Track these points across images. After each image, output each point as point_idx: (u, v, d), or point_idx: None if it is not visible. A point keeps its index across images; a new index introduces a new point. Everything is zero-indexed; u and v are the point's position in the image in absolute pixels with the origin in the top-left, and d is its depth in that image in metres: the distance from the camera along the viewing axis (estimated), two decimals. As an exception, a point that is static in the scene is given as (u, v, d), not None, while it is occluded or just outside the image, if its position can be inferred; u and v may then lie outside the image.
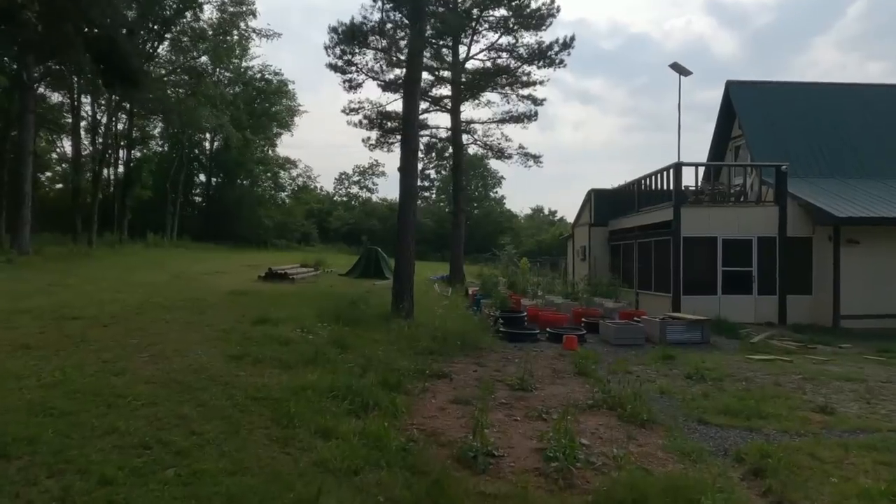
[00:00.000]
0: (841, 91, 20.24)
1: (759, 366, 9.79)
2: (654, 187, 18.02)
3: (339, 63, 21.97)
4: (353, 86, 23.34)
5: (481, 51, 23.59)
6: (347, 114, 24.22)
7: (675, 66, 17.58)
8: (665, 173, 16.89)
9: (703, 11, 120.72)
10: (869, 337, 13.74)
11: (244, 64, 45.38)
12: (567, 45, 21.33)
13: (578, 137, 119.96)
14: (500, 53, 23.60)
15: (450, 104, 23.83)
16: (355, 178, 64.85)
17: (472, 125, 25.62)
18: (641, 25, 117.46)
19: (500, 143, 25.53)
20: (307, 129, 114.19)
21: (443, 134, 25.44)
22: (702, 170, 19.54)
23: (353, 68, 22.17)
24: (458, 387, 7.88)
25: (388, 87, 24.24)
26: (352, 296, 12.85)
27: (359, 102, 24.19)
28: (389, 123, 24.19)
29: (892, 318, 15.27)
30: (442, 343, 10.46)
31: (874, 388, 8.17)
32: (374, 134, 24.76)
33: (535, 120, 25.18)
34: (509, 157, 26.10)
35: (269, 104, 46.13)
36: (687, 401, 7.51)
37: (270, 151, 50.29)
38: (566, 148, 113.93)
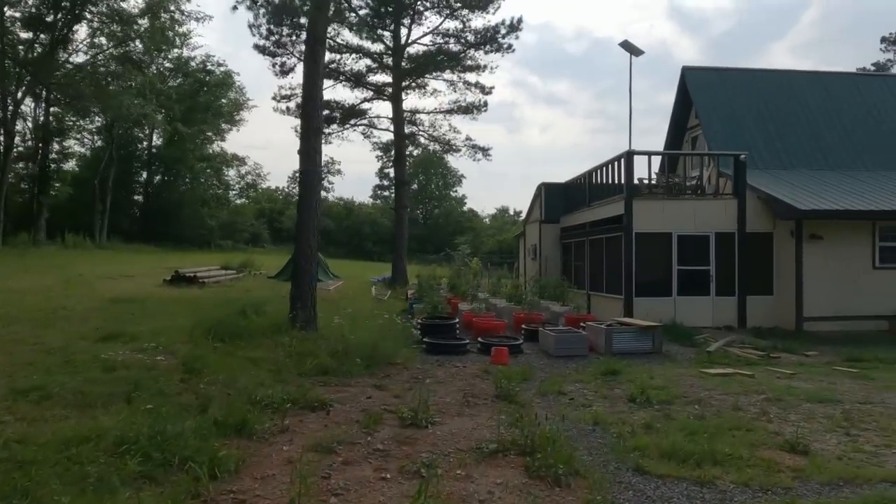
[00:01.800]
0: (803, 78, 19.13)
1: (715, 382, 8.24)
2: (605, 180, 16.51)
3: (268, 44, 19.91)
4: (284, 70, 21.30)
5: (425, 34, 21.87)
6: (278, 101, 22.17)
7: (626, 45, 16.12)
8: (616, 164, 15.38)
9: (666, 17, 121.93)
10: (835, 341, 12.44)
11: (185, 53, 42.75)
12: (514, 27, 19.76)
13: (546, 139, 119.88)
14: (448, 39, 21.95)
15: (391, 91, 21.95)
16: (310, 177, 62.34)
17: (418, 116, 23.84)
18: (606, 30, 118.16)
19: (447, 136, 23.79)
20: (271, 125, 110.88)
21: (384, 124, 23.51)
22: (657, 162, 18.19)
23: (283, 50, 20.10)
24: (332, 423, 6.06)
25: (325, 72, 22.27)
26: (249, 302, 10.90)
27: (290, 89, 22.13)
28: (329, 113, 22.18)
29: (858, 319, 14.08)
30: (342, 359, 8.64)
31: (852, 412, 6.66)
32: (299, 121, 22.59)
33: (485, 110, 23.60)
34: (458, 150, 24.42)
35: (213, 97, 43.42)
36: (625, 436, 5.85)
37: (217, 147, 47.62)
38: (534, 150, 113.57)
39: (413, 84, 23.05)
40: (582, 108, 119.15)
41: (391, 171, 69.13)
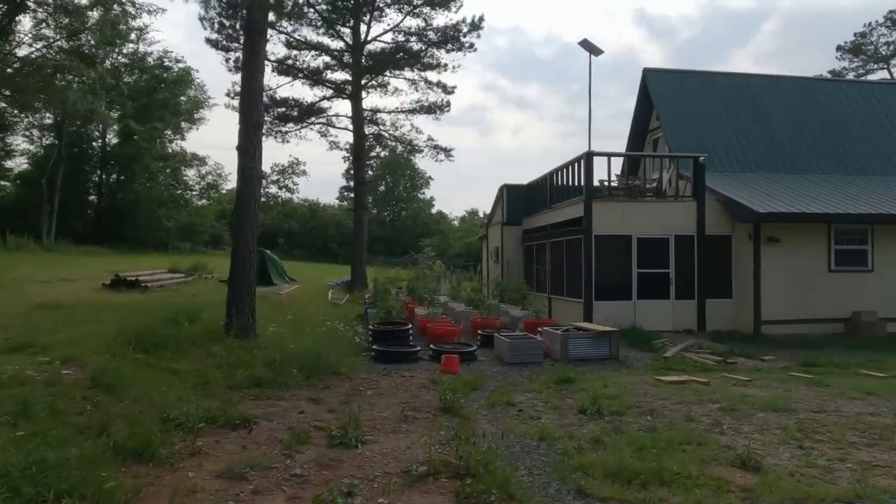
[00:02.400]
0: (761, 82, 19.24)
1: (670, 390, 7.93)
2: (566, 182, 16.24)
3: (220, 38, 19.11)
4: (238, 66, 20.47)
5: (385, 31, 21.35)
6: (232, 97, 21.31)
7: (585, 44, 15.89)
8: (576, 165, 15.12)
9: (633, 24, 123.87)
10: (792, 345, 12.36)
11: (142, 49, 41.32)
12: (476, 25, 19.40)
13: (517, 142, 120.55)
14: (409, 37, 21.47)
15: (350, 89, 21.34)
16: (273, 178, 61.09)
17: (380, 115, 23.26)
18: (575, 35, 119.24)
19: (409, 136, 23.28)
20: (234, 125, 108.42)
21: (344, 123, 22.85)
22: (618, 165, 18.01)
23: (237, 45, 19.32)
24: (252, 443, 5.51)
25: (283, 69, 21.59)
26: (185, 308, 10.20)
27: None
28: (286, 111, 21.42)
29: (815, 322, 14.09)
30: (279, 370, 8.06)
31: (806, 422, 6.40)
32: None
33: (448, 110, 23.20)
34: (420, 150, 23.92)
35: (171, 94, 42.02)
36: (570, 453, 5.45)
37: (177, 146, 46.15)
38: (505, 153, 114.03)
39: (373, 82, 22.50)
40: (552, 111, 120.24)
41: (358, 173, 68.62)
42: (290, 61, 20.68)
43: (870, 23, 47.35)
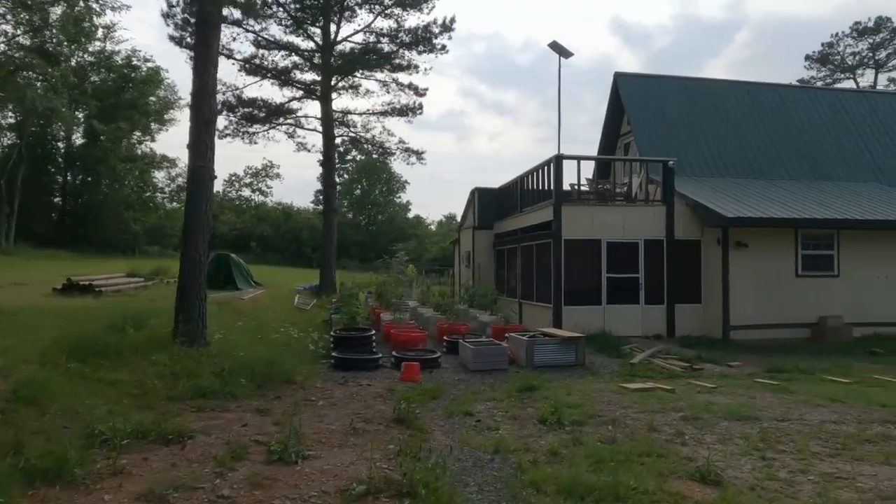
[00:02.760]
0: (730, 88, 19.34)
1: (634, 398, 7.71)
2: (536, 186, 16.05)
3: (184, 35, 18.56)
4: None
5: (356, 32, 21.01)
6: (197, 97, 20.63)
7: (555, 46, 15.74)
8: (546, 169, 14.94)
9: (609, 31, 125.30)
10: (759, 350, 12.31)
11: (109, 47, 40.32)
12: (447, 27, 19.16)
13: (494, 147, 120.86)
14: (381, 38, 21.16)
15: (320, 90, 20.93)
16: (247, 181, 60.13)
17: (350, 117, 22.88)
18: (553, 41, 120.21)
19: (380, 138, 22.93)
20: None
21: (312, 124, 22.40)
22: (589, 170, 17.91)
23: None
24: (183, 461, 5.11)
25: (251, 69, 21.09)
26: (133, 314, 9.70)
27: (211, 84, 20.61)
28: (252, 111, 20.89)
29: (782, 327, 14.08)
30: (227, 379, 7.66)
31: (769, 431, 6.21)
32: (220, 119, 21.30)
33: (420, 113, 22.89)
34: (392, 153, 23.59)
35: (139, 94, 41.01)
36: (524, 467, 5.16)
37: (146, 148, 45.09)
38: (483, 158, 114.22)
39: (344, 84, 22.12)
40: (529, 117, 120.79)
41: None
42: (257, 60, 20.20)
43: (836, 33, 48.52)
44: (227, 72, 42.85)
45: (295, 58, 21.19)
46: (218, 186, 69.16)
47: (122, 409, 6.09)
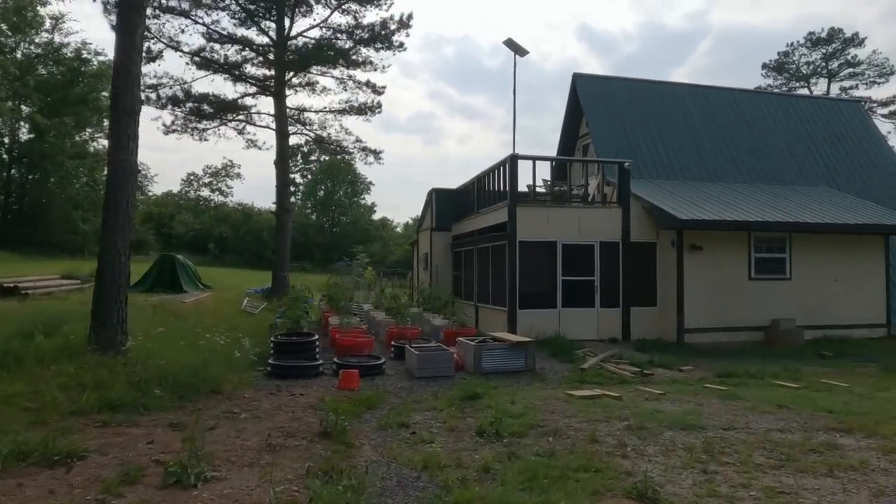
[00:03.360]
0: (686, 91, 19.41)
1: (579, 406, 7.38)
2: (493, 186, 15.71)
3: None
4: (151, 56, 19.08)
5: (312, 27, 20.38)
6: (142, 90, 19.67)
7: (510, 43, 15.47)
8: (502, 169, 14.63)
9: (576, 37, 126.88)
10: (712, 354, 12.20)
11: (57, 39, 38.60)
12: (405, 24, 18.71)
13: (463, 151, 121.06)
14: (338, 35, 20.57)
15: (273, 86, 20.22)
16: (206, 180, 58.44)
17: (307, 115, 22.20)
18: (524, 46, 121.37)
19: (337, 137, 22.32)
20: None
21: (266, 121, 21.63)
22: (546, 171, 17.67)
23: (147, 33, 17.89)
24: (65, 485, 4.53)
25: (202, 63, 20.24)
26: (46, 319, 8.95)
27: (157, 77, 19.82)
28: (199, 106, 20.03)
29: (736, 330, 14.05)
30: (143, 390, 7.04)
31: (713, 442, 5.93)
32: (165, 114, 20.46)
33: (379, 112, 22.39)
34: (350, 153, 23.00)
35: (90, 89, 39.31)
36: (451, 486, 4.75)
37: (99, 145, 43.25)
38: (452, 161, 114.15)
39: (300, 81, 21.47)
40: (498, 121, 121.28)
41: (296, 177, 66.67)
42: (206, 54, 19.39)
43: (791, 43, 49.86)
44: (175, 64, 41.53)
45: (248, 52, 20.46)
46: (175, 186, 67.40)
47: (12, 426, 5.45)
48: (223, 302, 16.96)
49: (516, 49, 15.52)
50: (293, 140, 22.24)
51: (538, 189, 15.44)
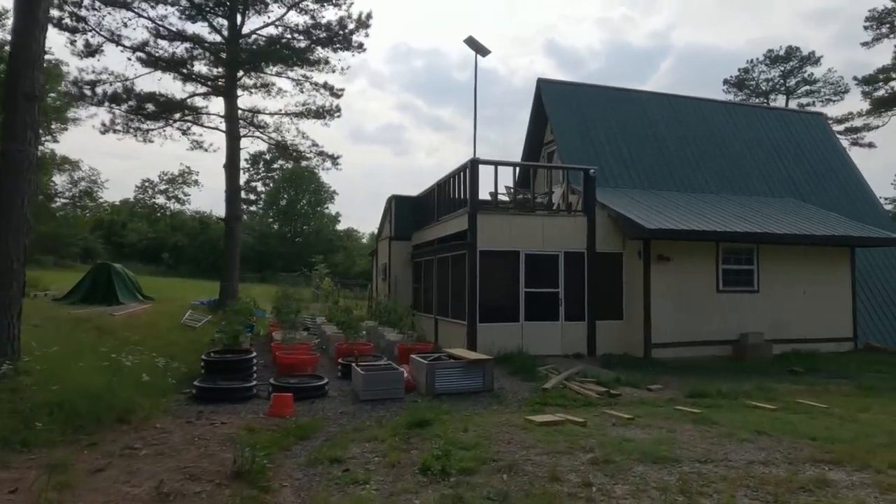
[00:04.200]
0: (653, 99, 19.06)
1: (539, 435, 6.55)
2: (454, 193, 14.91)
3: (63, 17, 16.37)
4: (90, 50, 17.77)
5: (266, 25, 19.36)
6: (80, 86, 18.35)
7: (471, 42, 14.78)
8: (463, 174, 13.85)
9: (544, 53, 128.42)
10: (681, 370, 11.58)
11: (1, 36, 36.39)
12: (363, 23, 17.88)
13: (432, 162, 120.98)
14: (295, 35, 19.60)
15: (224, 85, 19.09)
16: (162, 187, 56.22)
17: (260, 117, 21.08)
18: (490, 60, 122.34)
19: (293, 141, 21.25)
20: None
21: (214, 122, 20.41)
22: (508, 178, 16.98)
23: (84, 25, 16.66)
24: None
25: (149, 60, 19.00)
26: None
27: (96, 73, 18.45)
28: (139, 104, 18.69)
29: (704, 345, 13.52)
30: (30, 420, 5.93)
31: (690, 479, 5.17)
32: (102, 112, 19.09)
33: (339, 115, 21.43)
34: (307, 158, 21.94)
35: (35, 89, 37.20)
36: (378, 546, 3.83)
37: (46, 149, 41.00)
38: (421, 172, 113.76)
39: (254, 81, 20.39)
40: (466, 133, 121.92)
41: (258, 184, 64.98)
42: (149, 48, 18.15)
43: (752, 60, 50.94)
44: (116, 60, 39.54)
45: (198, 50, 19.27)
46: (129, 193, 64.83)
47: None
48: (162, 315, 15.67)
49: (478, 48, 14.83)
50: (254, 147, 21.19)
51: (500, 196, 14.71)
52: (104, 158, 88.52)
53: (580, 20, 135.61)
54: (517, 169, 16.72)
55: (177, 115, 19.54)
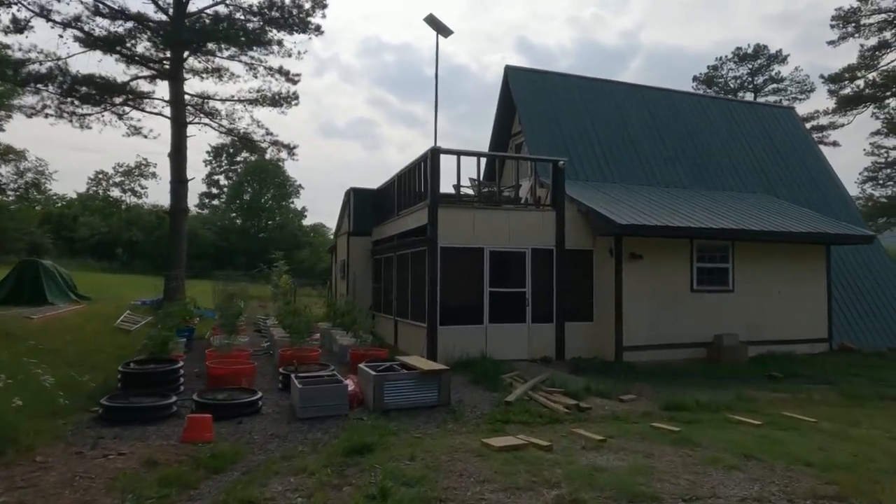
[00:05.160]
0: (624, 90, 18.30)
1: (497, 464, 5.59)
2: (415, 186, 13.88)
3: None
4: (18, 26, 16.17)
5: (215, 3, 17.97)
6: (8, 67, 16.69)
7: (431, 21, 13.73)
8: (423, 164, 12.83)
9: (515, 50, 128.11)
10: (655, 376, 10.81)
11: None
12: (319, 2, 16.66)
13: (405, 158, 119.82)
14: (249, 16, 18.26)
15: (169, 68, 17.65)
16: (117, 179, 53.68)
17: (211, 103, 19.66)
18: (462, 57, 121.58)
19: (246, 129, 19.90)
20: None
21: (159, 108, 18.91)
22: (473, 169, 16.00)
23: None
24: None
25: (85, 39, 17.43)
26: None
27: (23, 50, 16.81)
28: (79, 88, 17.16)
29: (677, 347, 12.82)
30: None
31: (676, 525, 4.27)
32: (31, 99, 17.48)
33: (297, 103, 20.18)
34: (262, 149, 20.62)
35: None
36: None
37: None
38: (393, 167, 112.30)
39: (204, 65, 18.99)
40: (439, 130, 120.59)
41: (221, 178, 62.78)
42: (81, 24, 16.57)
43: (720, 57, 51.07)
44: (46, 36, 37.17)
45: (143, 31, 17.76)
46: (81, 186, 61.86)
47: None
48: (94, 317, 14.27)
49: (439, 28, 13.80)
50: (204, 136, 19.80)
51: (464, 189, 13.75)
52: (62, 150, 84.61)
53: (551, 18, 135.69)
54: (482, 161, 15.73)
55: (118, 100, 18.02)
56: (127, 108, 18.39)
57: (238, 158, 59.57)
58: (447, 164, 12.41)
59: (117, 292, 21.53)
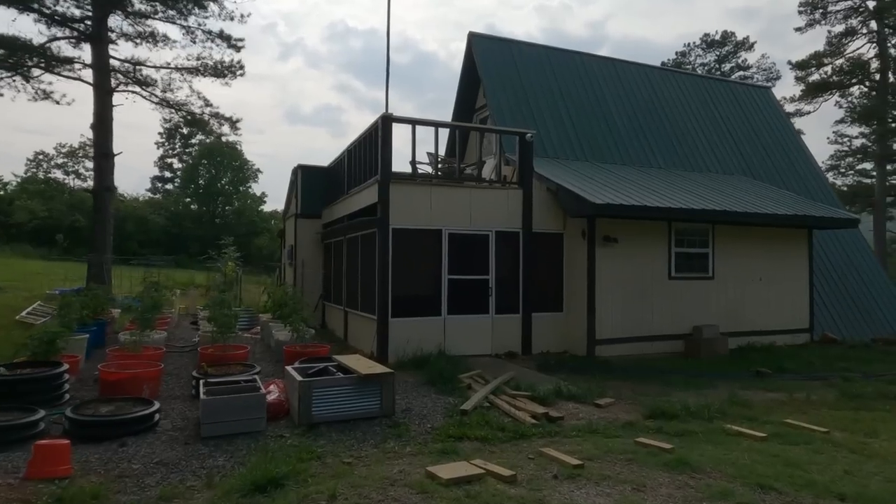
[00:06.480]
0: (598, 64, 17.00)
1: (446, 503, 4.22)
2: (367, 161, 12.33)
3: None
4: None
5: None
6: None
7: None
8: (374, 134, 11.31)
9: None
10: (632, 373, 9.63)
11: None
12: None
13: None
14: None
15: (90, 28, 15.60)
16: (59, 160, 50.26)
17: (145, 71, 17.63)
18: (430, 44, 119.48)
19: (186, 101, 17.97)
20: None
21: (77, 73, 16.79)
22: (431, 143, 14.51)
23: None
24: None
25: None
26: None
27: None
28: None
29: (653, 340, 11.71)
30: None
31: None
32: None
33: (242, 74, 18.30)
34: (205, 123, 18.70)
35: None
36: None
37: None
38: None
39: (134, 28, 16.96)
40: (409, 115, 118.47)
41: (174, 161, 59.71)
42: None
43: (688, 44, 50.54)
44: None
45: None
46: (19, 167, 57.98)
47: None
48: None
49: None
50: (151, 111, 17.72)
51: (420, 165, 12.30)
52: (9, 132, 79.43)
53: (519, 6, 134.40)
54: (443, 135, 14.31)
55: (32, 62, 15.89)
56: (35, 70, 16.22)
57: (193, 141, 56.62)
58: (402, 136, 11.00)
59: (37, 281, 19.42)
